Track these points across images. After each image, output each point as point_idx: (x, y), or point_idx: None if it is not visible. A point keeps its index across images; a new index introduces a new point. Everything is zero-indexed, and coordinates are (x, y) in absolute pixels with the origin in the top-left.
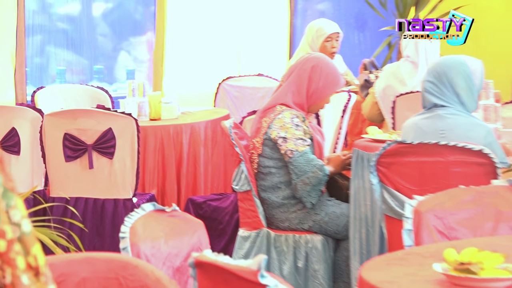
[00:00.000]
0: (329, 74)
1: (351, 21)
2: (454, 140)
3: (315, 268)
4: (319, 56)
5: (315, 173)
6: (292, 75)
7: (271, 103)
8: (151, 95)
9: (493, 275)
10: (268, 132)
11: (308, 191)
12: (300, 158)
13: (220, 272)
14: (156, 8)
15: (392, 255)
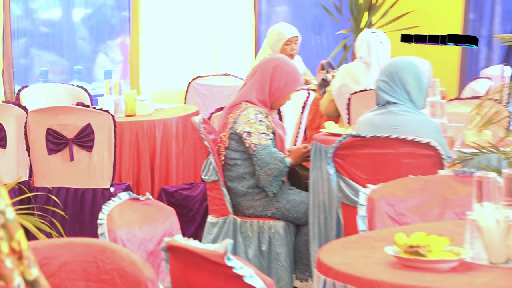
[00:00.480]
0: (289, 74)
1: (309, 25)
2: (405, 134)
3: (277, 251)
4: (280, 57)
5: (277, 165)
6: (256, 75)
7: (237, 100)
8: (127, 93)
9: (440, 257)
10: (234, 127)
11: (270, 181)
12: (263, 151)
13: (190, 256)
14: (130, 13)
15: (347, 239)
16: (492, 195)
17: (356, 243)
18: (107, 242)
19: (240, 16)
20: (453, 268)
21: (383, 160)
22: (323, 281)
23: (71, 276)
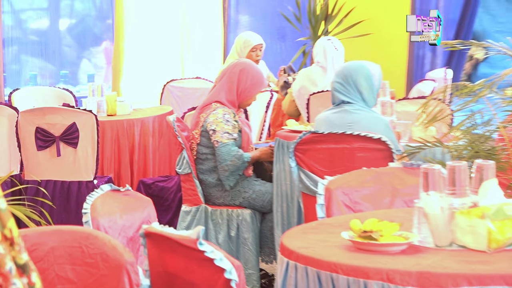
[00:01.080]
0: (254, 77)
1: (272, 33)
2: (359, 131)
3: (245, 237)
4: (246, 61)
5: (233, 162)
6: (224, 77)
7: (208, 100)
8: (108, 95)
9: (391, 241)
10: (205, 125)
11: (227, 176)
12: (222, 148)
13: (166, 241)
14: (114, 21)
15: (307, 225)
16: (437, 185)
17: (316, 228)
18: (90, 229)
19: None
20: (402, 251)
21: (339, 154)
22: (286, 263)
23: (58, 260)
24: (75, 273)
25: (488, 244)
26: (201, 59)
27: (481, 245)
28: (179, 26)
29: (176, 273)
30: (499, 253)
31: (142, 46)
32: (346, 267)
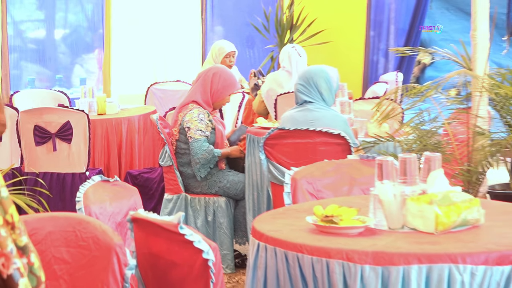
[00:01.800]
0: (226, 80)
1: (244, 42)
2: (320, 127)
3: (220, 221)
4: (219, 66)
5: (204, 156)
6: (199, 80)
7: (185, 101)
8: (98, 96)
9: (349, 224)
10: (182, 123)
11: (198, 168)
12: (195, 143)
13: (150, 226)
14: (104, 31)
15: (276, 211)
16: (390, 175)
17: (283, 214)
18: (83, 216)
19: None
20: (360, 233)
21: (303, 148)
22: (257, 244)
23: (55, 243)
24: (69, 254)
25: (436, 226)
26: (181, 64)
27: (429, 227)
28: (162, 36)
29: (159, 254)
30: (445, 234)
31: (129, 53)
32: (310, 248)
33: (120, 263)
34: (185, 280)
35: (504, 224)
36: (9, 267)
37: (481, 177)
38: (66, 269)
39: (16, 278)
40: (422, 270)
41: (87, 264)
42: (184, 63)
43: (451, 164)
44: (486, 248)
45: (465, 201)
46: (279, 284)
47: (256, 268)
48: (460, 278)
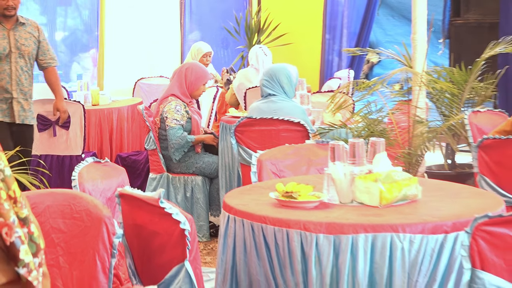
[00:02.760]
0: (197, 72)
1: (218, 43)
2: (283, 116)
3: (197, 197)
4: (191, 62)
5: (177, 141)
6: (175, 76)
7: (165, 94)
8: (92, 89)
9: (306, 199)
10: (163, 113)
11: (173, 151)
12: (170, 131)
13: (135, 200)
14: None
15: (244, 188)
16: (341, 157)
17: (250, 190)
18: (77, 192)
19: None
20: (315, 207)
21: (268, 134)
22: (227, 216)
23: (53, 215)
24: (65, 225)
25: (380, 201)
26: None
27: (374, 202)
28: (147, 38)
29: (143, 225)
30: (388, 208)
31: (120, 53)
32: (273, 219)
33: (109, 233)
34: (165, 247)
35: (438, 199)
36: (11, 236)
37: (420, 159)
38: (62, 238)
39: (17, 245)
40: (368, 239)
41: (81, 234)
42: (166, 61)
43: (394, 148)
44: (423, 220)
45: (405, 179)
46: (246, 251)
47: (226, 236)
48: (401, 245)
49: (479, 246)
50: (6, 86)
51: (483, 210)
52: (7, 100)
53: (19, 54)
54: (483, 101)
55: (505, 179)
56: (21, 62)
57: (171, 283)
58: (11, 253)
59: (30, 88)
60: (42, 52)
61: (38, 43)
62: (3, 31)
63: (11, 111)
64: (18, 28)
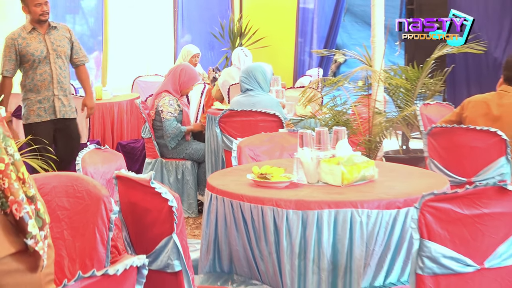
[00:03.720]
0: (190, 74)
1: (206, 46)
2: (260, 108)
3: (187, 179)
4: (185, 64)
5: (173, 131)
6: (170, 74)
7: (159, 90)
8: (96, 86)
9: (278, 180)
10: (157, 107)
11: (169, 140)
12: (166, 122)
13: (130, 181)
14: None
15: (225, 170)
16: (308, 143)
17: (230, 172)
18: (80, 174)
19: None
20: (286, 186)
21: (247, 124)
22: (210, 195)
23: (58, 195)
24: (69, 203)
25: (342, 181)
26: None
27: (337, 182)
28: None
29: (136, 202)
30: (349, 187)
31: (121, 54)
32: (249, 197)
33: (106, 209)
34: (155, 222)
35: (392, 179)
36: (20, 211)
37: (378, 145)
38: (66, 214)
39: (26, 219)
40: (331, 214)
41: (82, 210)
42: (160, 61)
43: (357, 136)
44: (379, 197)
45: (364, 162)
46: (226, 225)
47: (209, 213)
48: (359, 219)
49: (426, 220)
50: (48, 85)
51: (430, 188)
52: (49, 99)
53: (57, 55)
54: (432, 95)
55: (450, 162)
56: (59, 62)
57: (161, 253)
58: (20, 227)
59: (69, 85)
60: (75, 52)
61: (72, 43)
62: (39, 36)
63: (53, 108)
64: (52, 32)
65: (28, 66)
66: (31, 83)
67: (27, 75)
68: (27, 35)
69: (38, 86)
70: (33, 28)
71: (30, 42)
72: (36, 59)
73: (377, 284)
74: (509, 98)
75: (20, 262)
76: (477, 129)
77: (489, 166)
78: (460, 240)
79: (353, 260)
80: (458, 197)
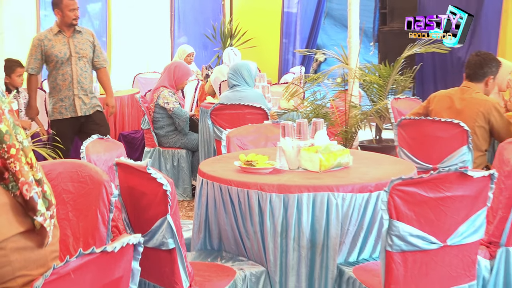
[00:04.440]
0: (183, 70)
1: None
2: (247, 102)
3: (182, 166)
4: (179, 62)
5: (185, 115)
6: (166, 71)
7: (157, 86)
8: None
9: (263, 166)
10: (157, 101)
11: (185, 124)
12: (177, 110)
13: (128, 167)
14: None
15: (215, 158)
16: (290, 133)
17: (220, 160)
18: (83, 161)
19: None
20: (269, 172)
21: (236, 116)
22: (201, 180)
23: (64, 180)
24: (73, 187)
25: (320, 167)
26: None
27: (315, 168)
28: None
29: (134, 187)
30: (326, 172)
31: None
32: (236, 182)
33: (107, 193)
34: (152, 204)
35: (365, 166)
36: (30, 191)
37: (354, 135)
38: (71, 197)
39: (35, 199)
40: (310, 197)
41: (85, 194)
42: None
43: (335, 127)
44: (353, 182)
45: (339, 150)
46: (216, 207)
47: (201, 196)
48: (335, 202)
49: (395, 202)
50: (69, 85)
51: (399, 174)
52: (69, 98)
53: (78, 57)
54: (403, 90)
55: (418, 150)
56: (80, 63)
57: (157, 232)
58: (29, 206)
59: (90, 85)
60: (96, 55)
61: (94, 47)
62: (64, 39)
63: (73, 106)
64: (76, 35)
65: (52, 66)
66: (54, 82)
67: (51, 75)
68: (53, 37)
69: (60, 86)
70: (59, 31)
71: (55, 44)
72: (59, 60)
73: (351, 260)
74: (470, 93)
75: (28, 240)
76: (442, 120)
77: (452, 154)
78: (425, 220)
79: (330, 239)
80: (424, 181)
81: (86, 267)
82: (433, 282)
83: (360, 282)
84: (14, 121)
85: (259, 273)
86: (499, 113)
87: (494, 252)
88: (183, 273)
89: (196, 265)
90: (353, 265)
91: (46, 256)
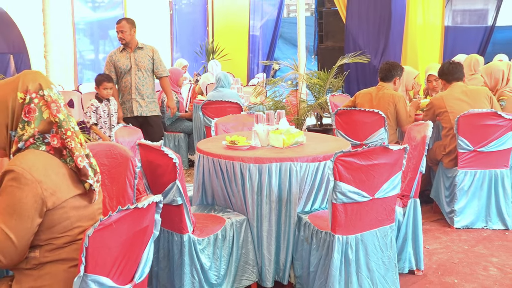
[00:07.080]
0: (175, 72)
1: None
2: (227, 99)
3: (181, 145)
4: (171, 68)
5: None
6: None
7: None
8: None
9: (243, 144)
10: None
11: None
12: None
13: (147, 147)
14: None
15: (208, 139)
16: (261, 120)
17: (211, 140)
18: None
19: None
20: (248, 148)
21: (220, 110)
22: (199, 155)
23: (101, 156)
24: (108, 161)
25: (283, 144)
26: None
27: (280, 145)
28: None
29: (152, 161)
30: (288, 148)
31: None
32: (224, 156)
33: (133, 165)
34: (165, 172)
35: (315, 143)
36: (83, 162)
37: (303, 121)
38: (106, 169)
39: (87, 167)
40: (277, 166)
41: (117, 166)
42: None
43: (290, 116)
44: (307, 154)
45: (297, 132)
46: (210, 173)
47: (199, 166)
48: (295, 169)
49: (338, 168)
50: (129, 91)
51: (339, 148)
52: (129, 101)
53: (137, 69)
54: (337, 89)
55: (350, 131)
56: (139, 74)
57: (169, 192)
58: (82, 173)
59: (147, 91)
60: (156, 67)
61: (153, 60)
62: (127, 54)
63: (131, 108)
64: (137, 51)
65: (118, 75)
66: (119, 88)
67: (119, 83)
68: (119, 53)
69: (122, 91)
70: (124, 48)
71: (120, 58)
72: (122, 71)
73: (306, 210)
74: (384, 90)
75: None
76: (366, 110)
77: (374, 133)
78: (359, 181)
79: (292, 195)
80: (358, 153)
81: (123, 219)
82: (365, 224)
83: (313, 225)
84: (67, 112)
85: (242, 220)
86: (403, 103)
87: (406, 202)
88: (188, 221)
89: (196, 215)
90: (308, 213)
91: (94, 212)
